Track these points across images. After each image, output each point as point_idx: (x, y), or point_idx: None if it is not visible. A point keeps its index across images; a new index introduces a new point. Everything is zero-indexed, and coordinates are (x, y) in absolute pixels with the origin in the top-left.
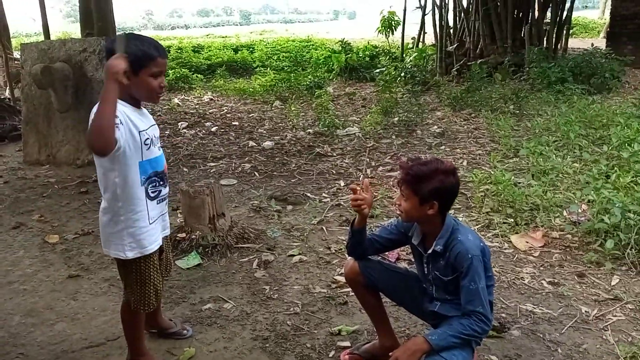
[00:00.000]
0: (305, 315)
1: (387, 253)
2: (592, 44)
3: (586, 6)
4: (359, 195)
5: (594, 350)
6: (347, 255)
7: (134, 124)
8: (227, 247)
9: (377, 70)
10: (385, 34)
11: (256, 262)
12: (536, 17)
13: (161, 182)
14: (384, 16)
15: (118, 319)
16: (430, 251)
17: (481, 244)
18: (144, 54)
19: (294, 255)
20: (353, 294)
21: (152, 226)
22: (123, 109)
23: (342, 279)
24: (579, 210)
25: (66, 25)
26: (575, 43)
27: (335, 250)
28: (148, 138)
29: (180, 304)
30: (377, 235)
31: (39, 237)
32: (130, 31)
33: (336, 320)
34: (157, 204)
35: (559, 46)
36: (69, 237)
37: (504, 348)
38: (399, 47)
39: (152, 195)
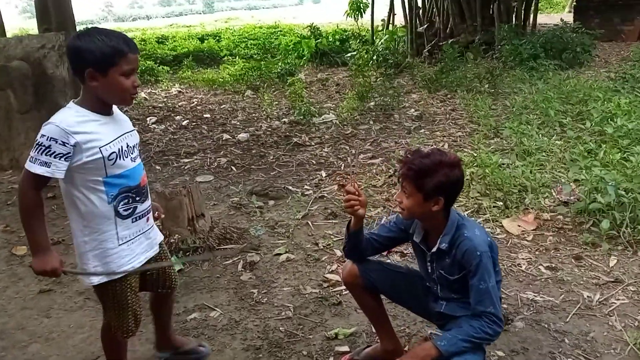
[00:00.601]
0: (299, 320)
1: None
2: (562, 19)
3: None
4: (352, 197)
5: (602, 338)
6: (342, 255)
7: (91, 141)
8: (209, 250)
9: (349, 55)
10: (354, 17)
11: (241, 263)
12: None
13: (137, 198)
14: None
15: (96, 336)
16: (434, 249)
17: (488, 239)
18: (113, 50)
19: (280, 254)
20: (347, 292)
21: (123, 247)
22: (81, 127)
23: (333, 276)
24: (572, 190)
25: (23, 21)
26: (542, 19)
27: (323, 246)
28: (113, 152)
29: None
30: (375, 234)
31: (6, 250)
32: (91, 25)
33: (331, 322)
34: (133, 222)
35: (527, 22)
36: None
37: (510, 342)
38: (368, 30)
39: (123, 213)
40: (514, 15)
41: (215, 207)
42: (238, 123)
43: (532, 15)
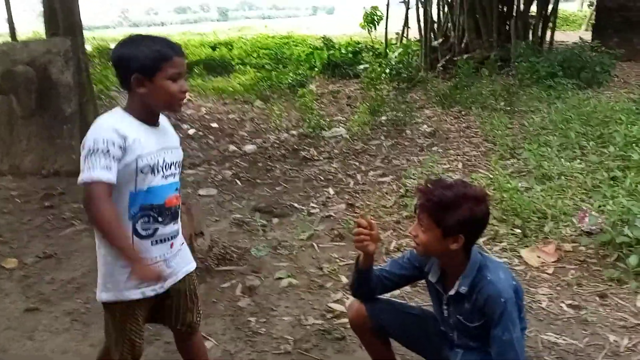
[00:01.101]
0: (298, 355)
1: None
2: (580, 37)
3: None
4: (363, 230)
5: None
6: (348, 283)
7: (133, 147)
8: (207, 271)
9: (361, 67)
10: (368, 29)
11: (240, 287)
12: (521, 10)
13: (159, 219)
14: (366, 11)
15: None
16: (452, 292)
17: (514, 283)
18: (158, 55)
19: (282, 279)
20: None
21: None
22: (127, 131)
23: (338, 307)
24: (598, 221)
25: (40, 24)
26: (559, 36)
27: (328, 271)
28: (147, 165)
29: (153, 342)
30: (386, 271)
31: None
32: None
33: None
34: (153, 244)
35: (544, 40)
36: (28, 260)
37: None
38: (382, 42)
39: (142, 233)
40: (530, 32)
41: (217, 223)
42: (246, 134)
43: (549, 32)
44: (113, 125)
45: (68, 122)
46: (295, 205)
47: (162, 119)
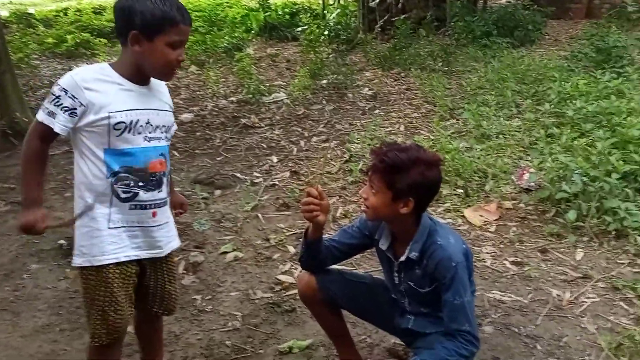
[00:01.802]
0: (248, 331)
1: None
2: None
3: None
4: (312, 200)
5: (575, 343)
6: (296, 253)
7: (102, 102)
8: None
9: (299, 29)
10: None
11: (183, 264)
12: None
13: (140, 183)
14: None
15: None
16: (403, 258)
17: (464, 246)
18: (165, 16)
19: (227, 252)
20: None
21: (112, 232)
22: (96, 85)
23: (286, 278)
24: (537, 178)
25: None
26: None
27: (275, 242)
28: (122, 122)
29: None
30: (335, 241)
31: None
32: None
33: (285, 333)
34: (131, 209)
35: None
36: None
37: (479, 350)
38: (319, 3)
39: (122, 195)
40: None
41: None
42: (181, 102)
43: None
44: (79, 76)
45: None
46: (238, 175)
47: (157, 81)
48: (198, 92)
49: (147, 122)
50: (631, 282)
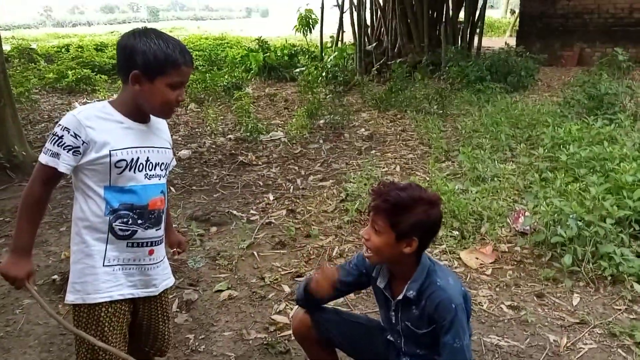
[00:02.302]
0: None
1: None
2: (506, 43)
3: (492, 6)
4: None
5: None
6: (291, 292)
7: (104, 140)
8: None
9: (297, 70)
10: (303, 32)
11: (177, 302)
12: (451, 16)
13: (139, 221)
14: (301, 14)
15: None
16: (400, 297)
17: (462, 289)
18: (167, 58)
19: (221, 291)
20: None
21: (107, 270)
22: (98, 124)
23: (281, 318)
24: (532, 222)
25: None
26: (485, 42)
27: (270, 281)
28: (123, 160)
29: None
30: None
31: None
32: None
33: None
34: (128, 247)
35: (472, 45)
36: None
37: None
38: (317, 46)
39: (119, 233)
40: (459, 37)
41: None
42: (180, 138)
43: (477, 38)
44: (81, 115)
45: None
46: (234, 212)
47: (156, 118)
48: (196, 130)
49: (147, 160)
50: (628, 329)
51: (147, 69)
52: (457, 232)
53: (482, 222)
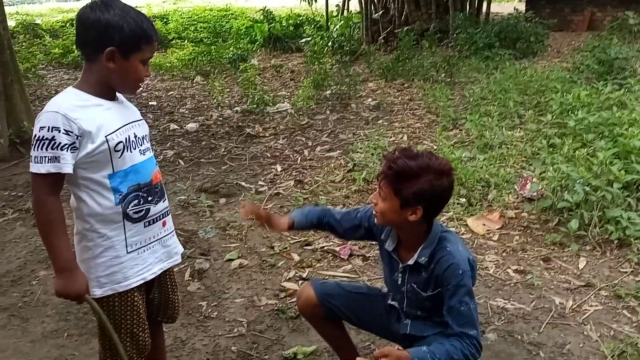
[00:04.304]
0: (253, 337)
1: (337, 249)
2: (515, 8)
3: None
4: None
5: (578, 350)
6: (300, 261)
7: (96, 128)
8: None
9: (303, 40)
10: (308, 1)
11: (189, 271)
12: None
13: (149, 198)
14: None
15: None
16: (411, 262)
17: (470, 257)
18: (143, 34)
19: (232, 260)
20: None
21: (132, 255)
22: (84, 113)
23: (290, 285)
24: (540, 188)
25: None
26: (494, 8)
27: (279, 250)
28: (120, 142)
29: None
30: (337, 220)
31: None
32: (29, 3)
33: (289, 339)
34: (146, 226)
35: (481, 11)
36: None
37: (482, 357)
38: (323, 15)
39: (134, 216)
40: (467, 4)
41: None
42: (187, 112)
43: (485, 4)
44: (62, 109)
45: None
46: (242, 184)
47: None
48: (203, 102)
49: (135, 136)
50: (634, 291)
51: (124, 46)
52: (464, 199)
53: (489, 189)
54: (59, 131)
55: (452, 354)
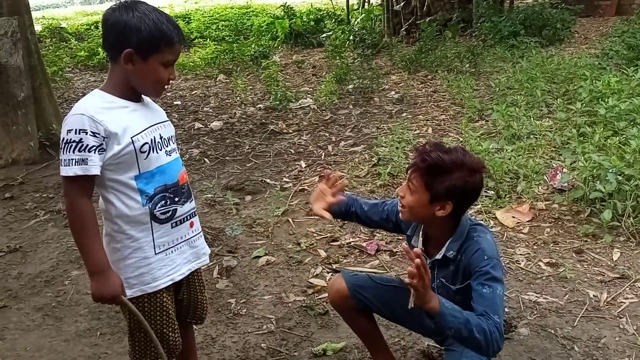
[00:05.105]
0: (282, 334)
1: (364, 244)
2: None
3: None
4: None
5: (614, 344)
6: (327, 257)
7: (123, 130)
8: None
9: (324, 35)
10: None
11: (217, 269)
12: None
13: (176, 199)
14: None
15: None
16: (439, 257)
17: (497, 252)
18: (162, 36)
19: (259, 257)
20: None
21: (161, 257)
22: (110, 115)
23: (318, 281)
24: (570, 179)
25: None
26: None
27: (306, 247)
28: (145, 143)
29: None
30: (365, 212)
31: None
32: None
33: (318, 336)
34: (173, 227)
35: None
36: None
37: (515, 352)
38: (344, 9)
39: (161, 217)
40: None
41: None
42: (211, 110)
43: None
44: (88, 111)
45: (22, 107)
46: (268, 180)
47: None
48: (226, 100)
49: (161, 137)
50: None
51: (142, 48)
52: (492, 192)
53: (518, 181)
54: (86, 133)
55: (475, 323)
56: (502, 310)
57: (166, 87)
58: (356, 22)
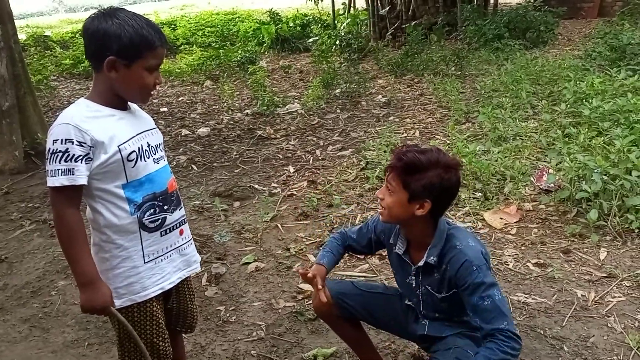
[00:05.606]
0: (272, 340)
1: None
2: None
3: None
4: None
5: (602, 343)
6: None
7: (110, 139)
8: None
9: (310, 40)
10: (315, 0)
11: (205, 277)
12: None
13: (165, 207)
14: None
15: None
16: (421, 264)
17: (482, 249)
18: (143, 41)
19: (248, 263)
20: None
21: (150, 265)
22: (96, 123)
23: (308, 287)
24: (556, 179)
25: None
26: None
27: (295, 252)
28: (133, 151)
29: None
30: (354, 240)
31: None
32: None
33: (309, 341)
34: (163, 235)
35: (489, 2)
36: None
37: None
38: (329, 14)
39: (150, 225)
40: None
41: None
42: (198, 116)
43: None
44: (74, 120)
45: (6, 117)
46: (256, 186)
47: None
48: (213, 107)
49: (148, 145)
50: None
51: (124, 55)
52: (479, 194)
53: (505, 182)
54: (72, 143)
55: (491, 358)
56: (507, 308)
57: (153, 92)
58: (342, 27)
